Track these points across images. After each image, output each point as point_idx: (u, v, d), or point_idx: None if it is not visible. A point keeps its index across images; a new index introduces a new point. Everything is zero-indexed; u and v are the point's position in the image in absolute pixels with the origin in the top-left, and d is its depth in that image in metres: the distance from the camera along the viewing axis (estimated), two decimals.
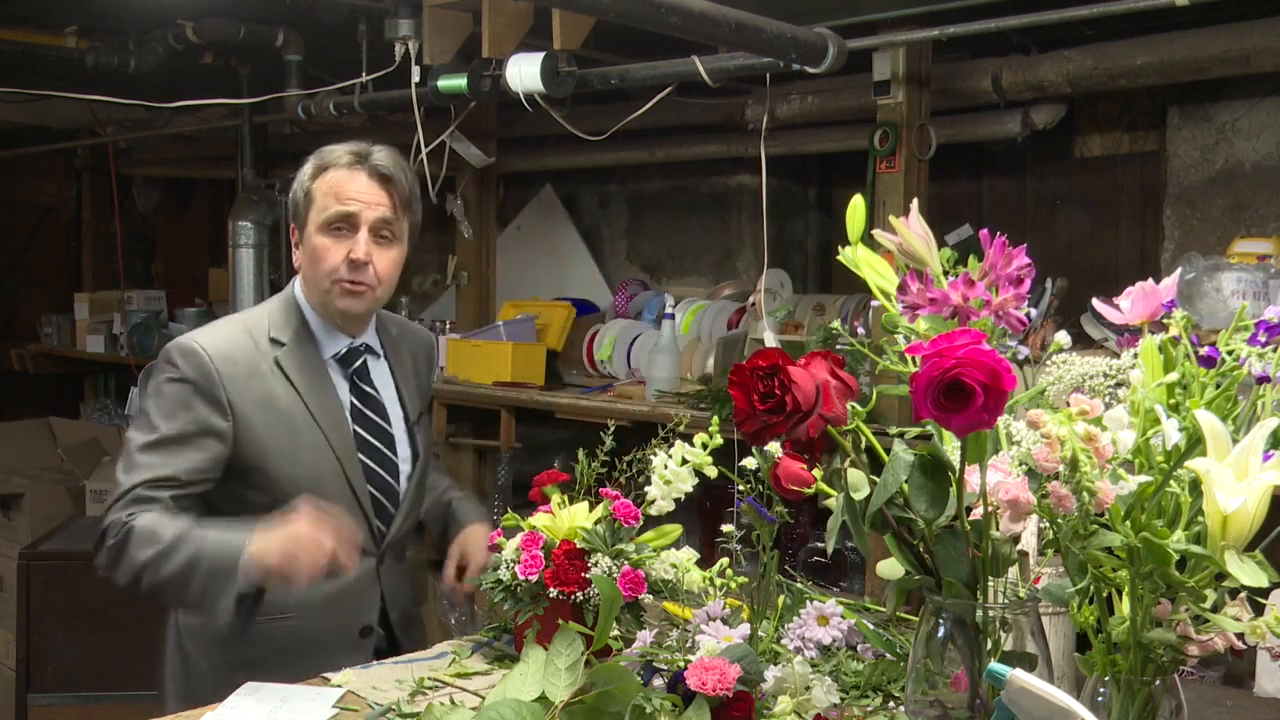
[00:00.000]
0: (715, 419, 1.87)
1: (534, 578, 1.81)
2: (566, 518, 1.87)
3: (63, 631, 3.44)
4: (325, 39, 3.53)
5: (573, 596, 1.79)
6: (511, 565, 1.84)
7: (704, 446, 1.86)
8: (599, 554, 1.81)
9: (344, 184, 2.08)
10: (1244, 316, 1.26)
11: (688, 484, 1.87)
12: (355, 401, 2.13)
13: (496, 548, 1.90)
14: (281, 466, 2.03)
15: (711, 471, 1.86)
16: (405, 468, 2.17)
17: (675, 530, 1.90)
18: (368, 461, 2.12)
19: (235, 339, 2.07)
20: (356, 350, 2.15)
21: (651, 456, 1.90)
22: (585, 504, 1.90)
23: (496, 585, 1.87)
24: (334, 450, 2.07)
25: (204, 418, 1.99)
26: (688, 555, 1.86)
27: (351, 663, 1.92)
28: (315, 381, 2.09)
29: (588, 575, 1.79)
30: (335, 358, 2.13)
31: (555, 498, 1.91)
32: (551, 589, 1.80)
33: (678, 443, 1.89)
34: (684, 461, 1.86)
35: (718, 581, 1.83)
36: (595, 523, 1.85)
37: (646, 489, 1.88)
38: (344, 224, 2.07)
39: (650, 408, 3.41)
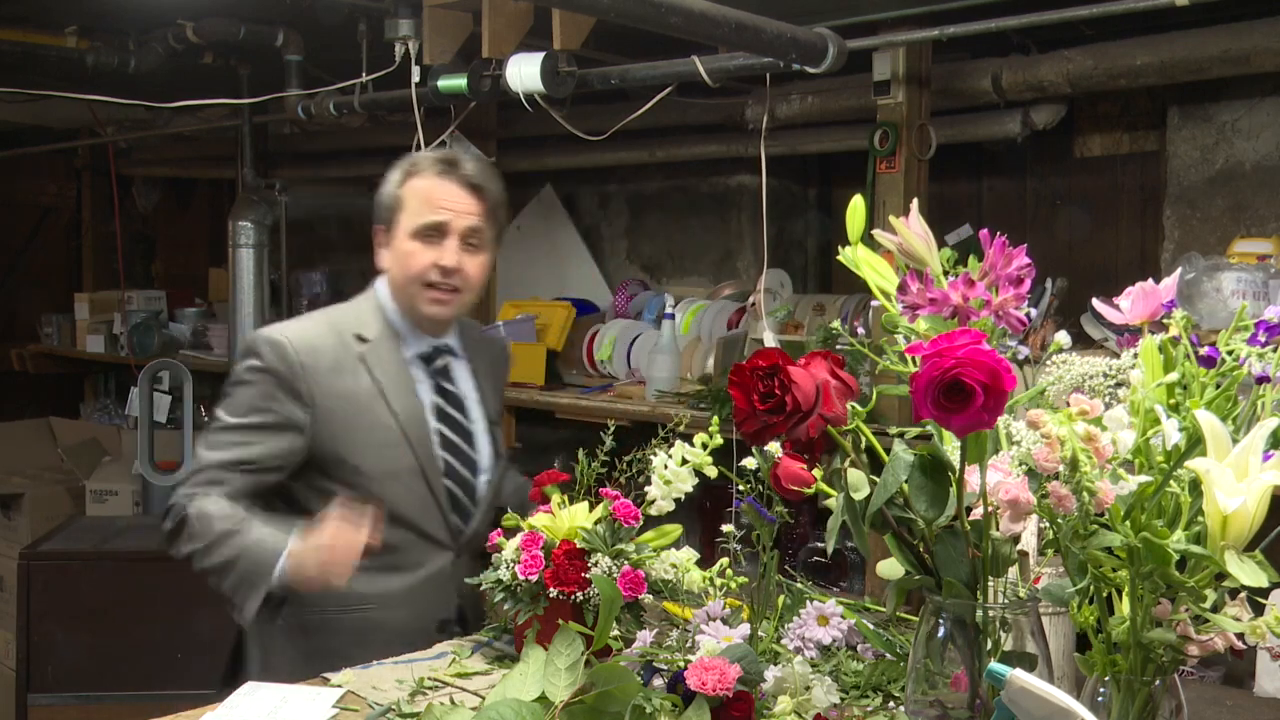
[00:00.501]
0: (715, 419, 1.87)
1: (534, 578, 1.81)
2: (566, 518, 1.87)
3: (63, 631, 3.44)
4: (325, 39, 3.52)
5: (573, 596, 1.79)
6: (511, 565, 1.85)
7: (704, 446, 1.86)
8: (599, 554, 1.81)
9: (435, 192, 2.13)
10: (1244, 316, 1.26)
11: (688, 484, 1.87)
12: (439, 400, 2.20)
13: (497, 548, 1.91)
14: (360, 459, 2.09)
15: (711, 471, 1.87)
16: (485, 464, 2.23)
17: (675, 530, 1.90)
18: (449, 458, 2.18)
19: (320, 333, 2.14)
20: (439, 350, 2.22)
21: (651, 456, 1.90)
22: (585, 504, 1.90)
23: (496, 585, 1.87)
24: (411, 445, 2.13)
25: (284, 409, 2.06)
26: (688, 555, 1.86)
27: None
28: (397, 378, 2.15)
29: (588, 575, 1.79)
30: (419, 356, 2.20)
31: (555, 498, 1.92)
32: (551, 589, 1.80)
33: (678, 443, 1.89)
34: (684, 461, 1.86)
35: (718, 581, 1.83)
36: (595, 523, 1.86)
37: (646, 489, 1.88)
38: (434, 231, 2.12)
39: (650, 408, 3.41)
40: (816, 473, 1.38)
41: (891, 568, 1.38)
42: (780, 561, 1.84)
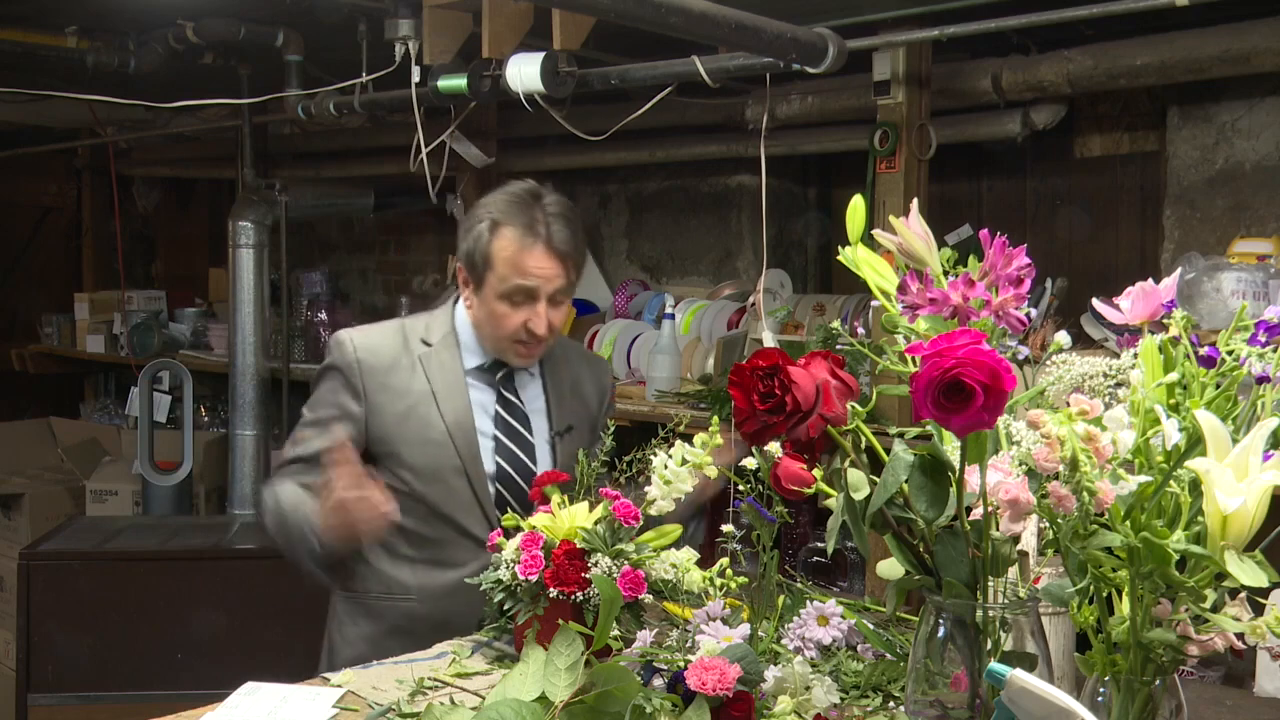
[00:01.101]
0: (715, 419, 1.87)
1: (534, 578, 1.81)
2: (566, 518, 1.87)
3: (63, 631, 3.43)
4: (325, 39, 3.53)
5: (573, 596, 1.79)
6: (511, 565, 1.85)
7: (704, 446, 1.86)
8: (599, 554, 1.81)
9: (524, 260, 2.15)
10: (1244, 316, 1.26)
11: (688, 484, 1.87)
12: (500, 409, 2.26)
13: (497, 548, 1.91)
14: (408, 455, 2.19)
15: (712, 472, 1.86)
16: None
17: (675, 530, 1.90)
18: (504, 465, 2.23)
19: (386, 335, 2.27)
20: (500, 363, 2.27)
21: (651, 456, 1.90)
22: (585, 504, 1.90)
23: (496, 585, 1.87)
24: (456, 447, 2.20)
25: (343, 401, 2.21)
26: (688, 555, 1.86)
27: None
28: (450, 383, 2.23)
29: (588, 575, 1.79)
30: (480, 367, 2.27)
31: (555, 498, 1.91)
32: (551, 589, 1.80)
33: (678, 443, 1.89)
34: (684, 461, 1.86)
35: (718, 582, 1.83)
36: (595, 523, 1.86)
37: (646, 489, 1.88)
38: (524, 297, 2.17)
39: (650, 408, 3.41)
40: (816, 473, 1.38)
41: (891, 568, 1.38)
42: (780, 561, 1.84)
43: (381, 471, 2.19)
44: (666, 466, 1.86)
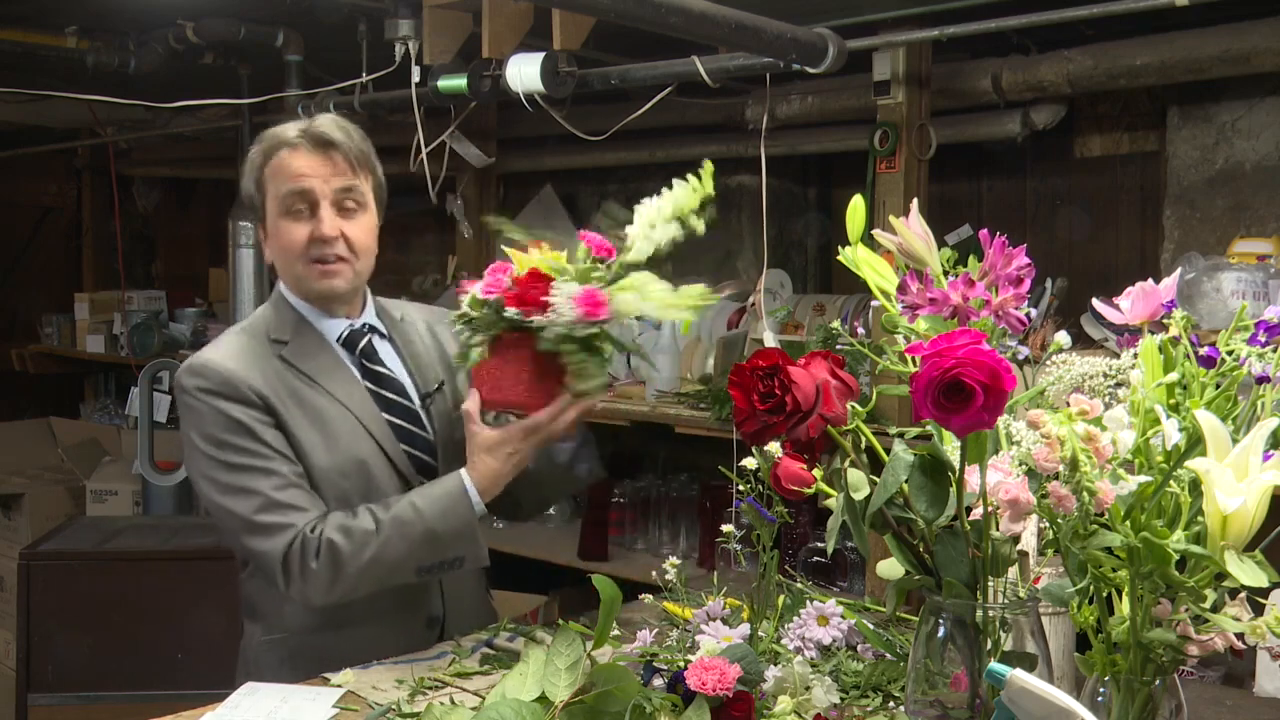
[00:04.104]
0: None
1: (493, 298, 1.74)
2: (540, 258, 1.81)
3: (63, 631, 3.43)
4: (325, 39, 3.52)
5: (530, 320, 1.73)
6: (474, 293, 1.80)
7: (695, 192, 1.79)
8: (565, 280, 1.73)
9: (293, 162, 1.97)
10: (1244, 316, 1.26)
11: (671, 232, 1.80)
12: (369, 385, 2.03)
13: (462, 290, 1.87)
14: (320, 459, 1.94)
15: (699, 226, 1.79)
16: (439, 440, 2.06)
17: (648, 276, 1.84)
18: (402, 444, 2.02)
19: (238, 344, 2.00)
20: (360, 331, 2.06)
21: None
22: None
23: (460, 319, 1.82)
24: (367, 429, 1.98)
25: (245, 411, 1.91)
26: (651, 280, 1.78)
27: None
28: (327, 367, 2.00)
29: (549, 299, 1.72)
30: (339, 341, 2.04)
31: (528, 245, 1.84)
32: (510, 308, 1.73)
33: (666, 193, 1.84)
34: (672, 217, 1.79)
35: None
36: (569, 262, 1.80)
37: (626, 229, 1.82)
38: (301, 202, 1.97)
39: (650, 408, 3.41)
40: (816, 473, 1.38)
41: (891, 568, 1.38)
42: (780, 561, 1.84)
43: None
44: (655, 212, 1.80)
